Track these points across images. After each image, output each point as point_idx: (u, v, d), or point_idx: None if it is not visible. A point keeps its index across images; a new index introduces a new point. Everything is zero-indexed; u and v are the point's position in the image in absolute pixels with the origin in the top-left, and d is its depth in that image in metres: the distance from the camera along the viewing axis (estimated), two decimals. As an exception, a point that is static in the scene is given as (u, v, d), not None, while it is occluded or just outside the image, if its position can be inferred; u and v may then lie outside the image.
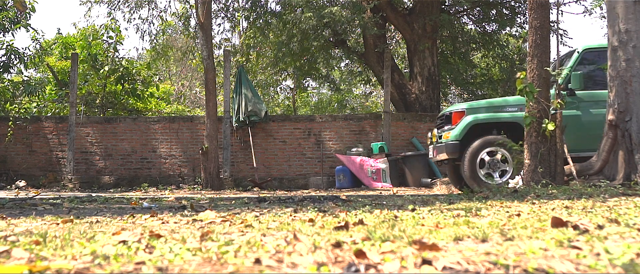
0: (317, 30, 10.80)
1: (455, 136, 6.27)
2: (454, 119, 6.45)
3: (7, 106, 11.28)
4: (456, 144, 6.26)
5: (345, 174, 9.47)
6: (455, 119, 6.43)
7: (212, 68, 9.40)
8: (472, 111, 6.37)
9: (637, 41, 5.28)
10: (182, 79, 23.02)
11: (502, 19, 11.27)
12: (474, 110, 6.38)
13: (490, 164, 6.16)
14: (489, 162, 6.16)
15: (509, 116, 6.22)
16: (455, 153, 6.29)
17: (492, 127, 6.27)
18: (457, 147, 6.25)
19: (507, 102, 6.40)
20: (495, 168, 6.17)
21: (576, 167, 5.38)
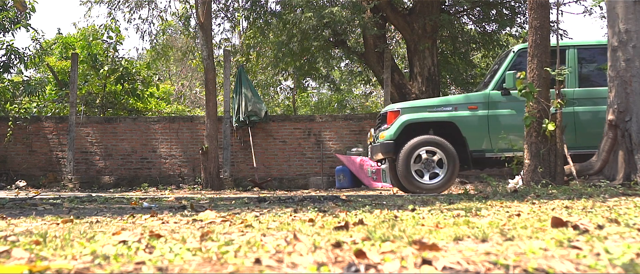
0: (317, 30, 10.80)
1: (389, 136, 6.24)
2: (389, 119, 6.42)
3: (7, 106, 11.28)
4: (390, 144, 6.23)
5: (345, 174, 9.47)
6: (390, 118, 6.40)
7: (212, 68, 9.40)
8: (407, 110, 6.35)
9: (637, 41, 5.28)
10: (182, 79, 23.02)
11: (502, 19, 11.26)
12: (409, 110, 6.36)
13: (424, 164, 6.14)
14: (424, 162, 6.14)
15: (445, 115, 6.20)
16: (389, 153, 6.26)
17: (429, 127, 6.25)
18: (391, 147, 6.22)
19: (442, 102, 6.39)
20: (429, 168, 6.15)
21: (576, 167, 5.38)
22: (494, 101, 6.17)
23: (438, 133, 6.22)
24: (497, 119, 6.12)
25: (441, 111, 6.24)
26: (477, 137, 6.14)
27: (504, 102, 6.15)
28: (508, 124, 6.10)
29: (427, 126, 6.27)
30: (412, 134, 6.20)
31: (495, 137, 6.10)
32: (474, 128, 6.14)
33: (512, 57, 6.32)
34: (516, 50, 6.37)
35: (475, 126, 6.14)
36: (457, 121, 6.15)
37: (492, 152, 6.14)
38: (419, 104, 6.47)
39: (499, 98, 6.17)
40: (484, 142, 6.15)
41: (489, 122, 6.12)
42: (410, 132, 6.23)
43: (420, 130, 6.25)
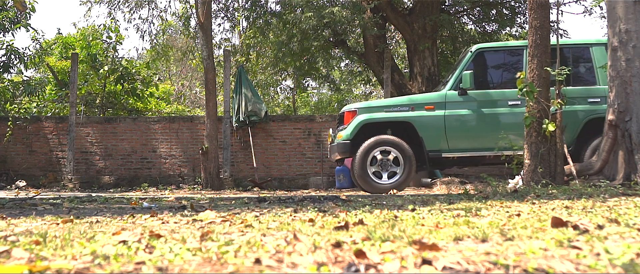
0: (317, 30, 10.80)
1: (346, 136, 6.24)
2: (345, 119, 6.42)
3: (7, 106, 11.28)
4: (347, 144, 6.23)
5: (345, 174, 9.47)
6: (347, 119, 6.40)
7: (212, 68, 9.40)
8: (364, 110, 6.35)
9: (637, 41, 5.28)
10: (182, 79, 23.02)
11: (502, 19, 11.26)
12: (366, 110, 6.35)
13: (381, 164, 6.13)
14: (380, 162, 6.13)
15: (402, 115, 6.20)
16: (346, 153, 6.26)
17: (386, 127, 6.24)
18: (348, 147, 6.22)
19: (399, 102, 6.38)
20: (386, 168, 6.14)
21: (576, 167, 5.38)
22: (451, 101, 6.17)
23: (396, 133, 6.21)
24: (454, 119, 6.11)
25: (398, 111, 6.23)
26: (433, 137, 6.13)
27: (460, 103, 6.14)
28: (465, 124, 6.09)
29: (386, 126, 6.26)
30: (371, 134, 6.19)
31: (452, 137, 6.09)
32: (431, 128, 6.14)
33: (470, 57, 6.30)
34: (474, 50, 6.36)
35: (432, 126, 6.14)
36: (414, 121, 6.15)
37: (448, 152, 6.13)
38: (376, 104, 6.47)
39: (456, 98, 6.16)
40: (440, 142, 6.14)
41: (445, 122, 6.11)
42: (369, 133, 6.21)
43: (378, 130, 6.24)
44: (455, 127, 6.10)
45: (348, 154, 6.26)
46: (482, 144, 6.13)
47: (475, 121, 6.13)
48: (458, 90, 6.16)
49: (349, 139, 6.22)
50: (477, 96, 6.15)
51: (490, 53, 6.40)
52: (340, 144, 6.27)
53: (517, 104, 6.08)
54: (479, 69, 6.32)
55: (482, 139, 6.12)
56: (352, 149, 6.20)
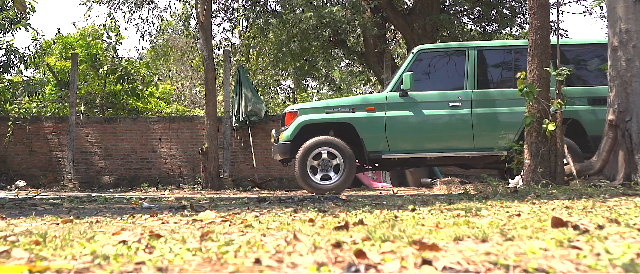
0: (317, 30, 10.80)
1: (286, 137, 6.24)
2: (286, 120, 6.42)
3: (7, 106, 11.28)
4: (287, 145, 6.23)
5: (345, 174, 9.46)
6: (288, 119, 6.40)
7: (212, 68, 9.40)
8: (305, 111, 6.34)
9: (637, 41, 5.28)
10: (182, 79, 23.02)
11: (502, 19, 11.26)
12: (307, 111, 6.34)
13: (321, 165, 6.13)
14: (320, 163, 6.13)
15: (342, 116, 6.18)
16: (286, 154, 6.26)
17: (328, 128, 6.24)
18: (288, 148, 6.22)
19: (340, 103, 6.36)
20: (326, 169, 6.14)
21: (576, 167, 5.38)
22: (392, 102, 6.14)
23: (339, 134, 6.20)
24: (394, 120, 6.09)
25: (339, 112, 6.22)
26: (374, 139, 6.12)
27: (401, 104, 6.12)
28: (405, 126, 6.08)
29: (328, 126, 6.25)
30: (314, 135, 6.18)
31: (392, 139, 6.08)
32: (371, 129, 6.12)
33: (412, 58, 6.29)
34: (416, 52, 6.34)
35: (372, 127, 6.12)
36: (354, 122, 6.14)
37: (389, 154, 6.12)
38: (317, 105, 6.47)
39: (397, 99, 6.14)
40: (381, 143, 6.12)
41: (386, 123, 6.09)
42: (312, 133, 6.21)
43: (321, 131, 6.24)
44: (395, 129, 6.08)
45: (288, 155, 6.25)
46: (422, 146, 6.12)
47: (416, 122, 6.10)
48: (399, 91, 6.13)
49: (289, 140, 6.22)
50: (417, 97, 6.12)
51: (432, 54, 6.38)
52: (281, 144, 6.29)
53: (457, 105, 6.05)
54: (421, 70, 6.29)
55: (422, 140, 6.11)
56: (292, 150, 6.20)
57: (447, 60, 6.37)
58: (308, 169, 6.10)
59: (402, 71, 6.21)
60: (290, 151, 6.22)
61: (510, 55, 6.27)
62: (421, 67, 6.29)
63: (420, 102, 6.11)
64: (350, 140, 6.17)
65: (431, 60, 6.37)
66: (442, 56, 6.40)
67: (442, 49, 6.49)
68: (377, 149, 6.13)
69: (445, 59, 6.39)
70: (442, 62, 6.40)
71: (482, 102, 6.07)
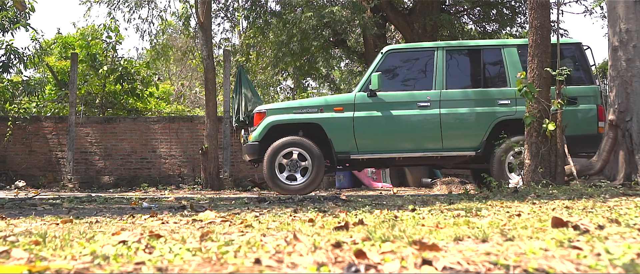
0: (317, 30, 10.80)
1: (255, 137, 6.23)
2: (255, 120, 6.40)
3: (7, 105, 11.27)
4: (255, 146, 6.21)
5: (345, 174, 9.47)
6: (256, 120, 6.38)
7: (212, 68, 9.40)
8: (273, 112, 6.32)
9: (637, 41, 5.28)
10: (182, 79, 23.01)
11: (502, 18, 11.26)
12: (275, 111, 6.32)
13: (289, 166, 6.12)
14: (289, 164, 6.12)
15: (310, 117, 6.17)
16: (254, 154, 6.24)
17: (298, 128, 6.22)
18: (256, 149, 6.20)
19: (308, 103, 6.35)
20: (295, 170, 6.13)
21: (577, 167, 5.38)
22: (360, 102, 6.11)
23: (309, 134, 6.19)
24: (363, 121, 6.07)
25: (307, 113, 6.20)
26: (342, 139, 6.09)
27: (369, 104, 6.09)
28: (373, 126, 6.07)
29: (297, 127, 6.24)
30: (284, 136, 6.17)
31: (360, 139, 6.07)
32: (339, 130, 6.09)
33: (380, 58, 6.26)
34: (384, 52, 6.31)
35: (341, 127, 6.09)
36: (322, 123, 6.11)
37: (357, 154, 6.11)
38: (286, 106, 6.45)
39: (365, 100, 6.11)
40: (349, 143, 6.10)
41: (354, 124, 6.07)
42: (281, 134, 6.20)
43: (290, 131, 6.22)
44: (363, 129, 6.07)
45: (256, 156, 6.24)
46: (391, 146, 6.10)
47: (384, 123, 6.08)
48: (367, 92, 6.11)
49: (257, 141, 6.21)
50: (386, 98, 6.10)
51: (401, 54, 6.36)
52: (249, 145, 6.27)
53: (426, 105, 6.04)
54: (390, 71, 6.28)
55: (391, 140, 6.09)
56: (260, 151, 6.19)
57: (416, 61, 6.36)
58: (276, 170, 6.08)
59: (371, 71, 6.19)
60: (258, 152, 6.20)
61: (479, 55, 6.24)
62: (390, 67, 6.28)
63: (389, 102, 6.09)
64: (319, 141, 6.15)
65: (400, 60, 6.36)
66: (411, 56, 6.39)
67: (411, 49, 6.47)
68: (345, 149, 6.11)
69: (414, 59, 6.38)
70: (411, 63, 6.39)
71: (451, 103, 6.04)
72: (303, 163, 6.10)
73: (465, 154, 6.04)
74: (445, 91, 6.08)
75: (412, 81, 6.33)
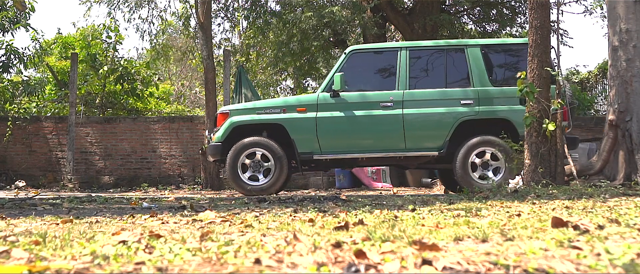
0: (317, 30, 10.79)
1: (218, 138, 6.21)
2: (218, 121, 6.39)
3: (7, 105, 11.27)
4: (218, 146, 6.19)
5: (345, 174, 9.47)
6: (219, 120, 6.37)
7: (212, 68, 9.40)
8: (236, 112, 6.30)
9: (637, 41, 5.28)
10: (182, 79, 23.01)
11: (502, 18, 11.26)
12: (238, 112, 6.31)
13: (252, 166, 6.11)
14: (252, 164, 6.11)
15: (273, 117, 6.15)
16: (217, 155, 6.23)
17: (262, 129, 6.22)
18: (219, 149, 6.18)
19: (271, 104, 6.34)
20: (258, 170, 6.12)
21: (576, 167, 5.38)
22: (323, 103, 6.10)
23: (273, 135, 6.18)
24: (325, 121, 6.06)
25: (270, 113, 6.18)
26: (305, 140, 6.08)
27: (332, 105, 6.08)
28: (336, 127, 6.06)
29: (261, 128, 6.23)
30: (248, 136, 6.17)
31: (323, 140, 6.06)
32: (302, 130, 6.08)
33: (344, 58, 6.25)
34: (348, 52, 6.30)
35: (303, 128, 6.08)
36: (285, 123, 6.10)
37: (320, 155, 6.10)
38: (249, 106, 6.44)
39: (328, 100, 6.10)
40: (312, 144, 6.09)
41: (317, 124, 6.07)
42: (245, 135, 6.19)
43: (253, 132, 6.22)
44: (326, 130, 6.05)
45: (219, 156, 6.23)
46: (354, 147, 6.10)
47: (347, 123, 6.06)
48: (330, 92, 6.10)
49: (220, 142, 6.19)
50: (348, 98, 6.08)
51: (364, 55, 6.34)
52: (212, 146, 6.26)
53: (389, 105, 6.03)
54: (353, 71, 6.25)
55: (354, 141, 6.09)
56: (223, 151, 6.18)
57: (380, 61, 6.36)
58: (239, 170, 6.08)
59: (334, 71, 6.18)
60: (221, 152, 6.18)
61: (442, 55, 6.24)
62: (353, 67, 6.25)
63: (351, 102, 6.08)
64: (283, 141, 6.14)
65: (363, 60, 6.33)
66: (375, 57, 6.38)
67: (375, 49, 6.47)
68: (308, 150, 6.10)
69: (378, 60, 6.37)
70: (374, 63, 6.38)
71: (414, 103, 6.03)
72: (266, 164, 6.09)
73: (429, 154, 6.04)
74: (408, 91, 6.07)
75: (376, 82, 6.34)
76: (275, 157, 6.04)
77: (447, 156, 6.00)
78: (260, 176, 6.10)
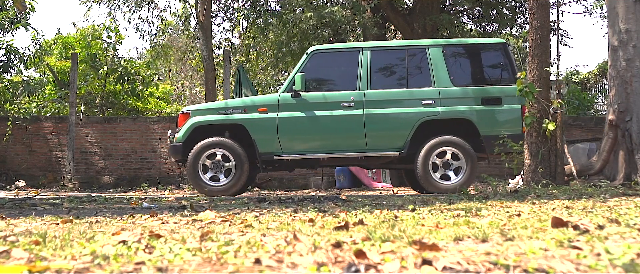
0: (317, 30, 10.79)
1: (178, 138, 6.20)
2: (180, 121, 6.38)
3: (7, 105, 11.27)
4: (179, 147, 6.18)
5: (345, 174, 9.47)
6: (180, 121, 6.36)
7: (212, 68, 9.41)
8: (197, 113, 6.28)
9: (637, 41, 5.28)
10: (182, 79, 23.02)
11: (502, 18, 11.26)
12: (199, 112, 6.29)
13: (213, 167, 6.10)
14: (212, 165, 6.10)
15: (234, 118, 6.14)
16: (178, 155, 6.22)
17: (224, 129, 6.20)
18: (180, 150, 6.17)
19: (233, 104, 6.32)
20: (219, 171, 6.11)
21: (576, 167, 5.38)
22: (284, 103, 6.10)
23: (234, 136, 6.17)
24: (286, 121, 6.06)
25: (231, 114, 6.17)
26: (266, 140, 6.08)
27: (293, 105, 6.07)
28: (297, 127, 6.06)
29: (223, 128, 6.22)
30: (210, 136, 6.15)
31: (284, 140, 6.06)
32: (263, 131, 6.08)
33: (305, 59, 6.24)
34: (309, 52, 6.30)
35: (264, 128, 6.08)
36: (246, 124, 6.09)
37: (281, 155, 6.10)
38: (210, 107, 6.43)
39: (289, 100, 6.09)
40: (273, 144, 6.08)
41: (278, 124, 6.06)
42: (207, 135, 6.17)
43: (216, 132, 6.20)
44: (287, 130, 6.05)
45: (180, 157, 6.21)
46: (315, 147, 6.10)
47: (307, 123, 6.06)
48: (291, 92, 6.10)
49: (180, 142, 6.18)
50: (310, 98, 6.08)
51: (326, 55, 6.34)
52: (173, 146, 6.26)
53: (350, 106, 6.03)
54: (315, 71, 6.25)
55: (315, 141, 6.09)
56: (184, 152, 6.16)
57: (341, 61, 6.35)
58: (200, 170, 6.06)
59: (295, 72, 6.18)
60: (182, 153, 6.17)
61: (403, 55, 6.24)
62: (315, 68, 6.24)
63: (313, 103, 6.07)
64: (245, 142, 6.13)
65: (325, 61, 6.33)
66: (336, 57, 6.38)
67: (336, 49, 6.46)
68: (269, 150, 6.10)
69: (340, 60, 6.37)
70: (336, 63, 6.38)
71: (375, 103, 6.03)
72: (227, 164, 6.08)
73: (390, 154, 6.04)
74: (369, 91, 6.07)
75: (337, 82, 6.33)
76: (236, 157, 6.02)
77: (409, 157, 6.00)
78: (221, 177, 6.08)
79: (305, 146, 6.09)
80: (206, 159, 6.07)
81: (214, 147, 6.07)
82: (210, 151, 6.06)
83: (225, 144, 6.06)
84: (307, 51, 6.37)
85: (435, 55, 6.10)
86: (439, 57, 6.08)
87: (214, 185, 6.05)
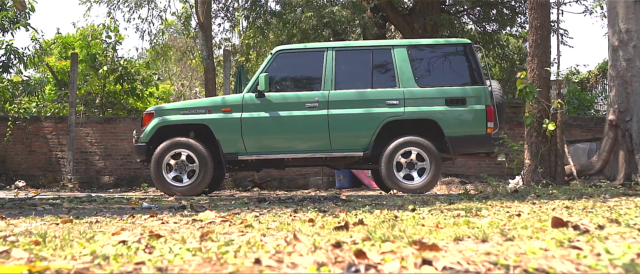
0: (317, 30, 10.80)
1: (142, 138, 6.19)
2: (144, 121, 6.37)
3: (7, 105, 11.27)
4: (142, 147, 6.17)
5: (345, 174, 9.47)
6: (145, 121, 6.34)
7: (212, 68, 9.41)
8: (161, 112, 6.27)
9: (637, 41, 5.28)
10: (182, 79, 23.02)
11: (502, 18, 11.27)
12: (163, 112, 6.28)
13: (177, 167, 6.09)
14: (177, 165, 6.09)
15: (198, 118, 6.13)
16: (142, 155, 6.21)
17: (189, 129, 6.18)
18: (144, 150, 6.16)
19: (197, 104, 6.31)
20: (184, 171, 6.10)
21: (577, 167, 5.38)
22: (248, 103, 6.09)
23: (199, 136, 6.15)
24: (250, 121, 6.05)
25: (195, 114, 6.15)
26: (230, 140, 6.07)
27: (257, 105, 6.07)
28: (261, 127, 6.06)
29: (188, 128, 6.20)
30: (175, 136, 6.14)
31: (248, 140, 6.05)
32: (227, 131, 6.07)
33: (270, 59, 6.24)
34: (274, 52, 6.29)
35: (228, 128, 6.06)
36: (210, 124, 6.08)
37: (245, 155, 6.09)
38: (174, 106, 6.42)
39: (253, 101, 6.08)
40: (237, 144, 6.07)
41: (242, 124, 6.05)
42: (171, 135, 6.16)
43: (180, 133, 6.18)
44: (251, 130, 6.04)
45: (144, 156, 6.20)
46: (279, 147, 6.10)
47: (272, 124, 6.06)
48: (256, 92, 6.09)
49: (144, 142, 6.17)
50: (274, 99, 6.08)
51: (291, 55, 6.34)
52: (137, 146, 6.25)
53: (314, 106, 6.02)
54: (280, 71, 6.25)
55: (279, 141, 6.08)
56: (148, 152, 6.15)
57: (306, 61, 6.34)
58: (164, 171, 6.05)
59: (260, 72, 6.16)
60: (146, 153, 6.16)
61: (368, 55, 6.22)
62: (279, 68, 6.23)
63: (277, 103, 6.06)
64: (210, 142, 6.11)
65: (290, 61, 6.33)
66: (301, 57, 6.37)
67: (301, 49, 6.46)
68: (233, 150, 6.08)
69: (304, 60, 6.36)
70: (300, 63, 6.37)
71: (339, 103, 6.02)
72: (191, 165, 6.06)
73: (354, 154, 6.03)
74: (334, 91, 6.06)
75: (302, 82, 6.35)
76: (200, 158, 6.00)
77: (373, 157, 6.00)
78: (184, 177, 6.07)
79: (269, 146, 6.08)
80: (171, 159, 6.06)
81: (178, 147, 6.05)
82: (174, 151, 6.05)
83: (189, 145, 6.04)
84: (272, 51, 6.37)
85: (400, 55, 6.08)
86: (403, 57, 6.06)
87: (177, 185, 6.03)
